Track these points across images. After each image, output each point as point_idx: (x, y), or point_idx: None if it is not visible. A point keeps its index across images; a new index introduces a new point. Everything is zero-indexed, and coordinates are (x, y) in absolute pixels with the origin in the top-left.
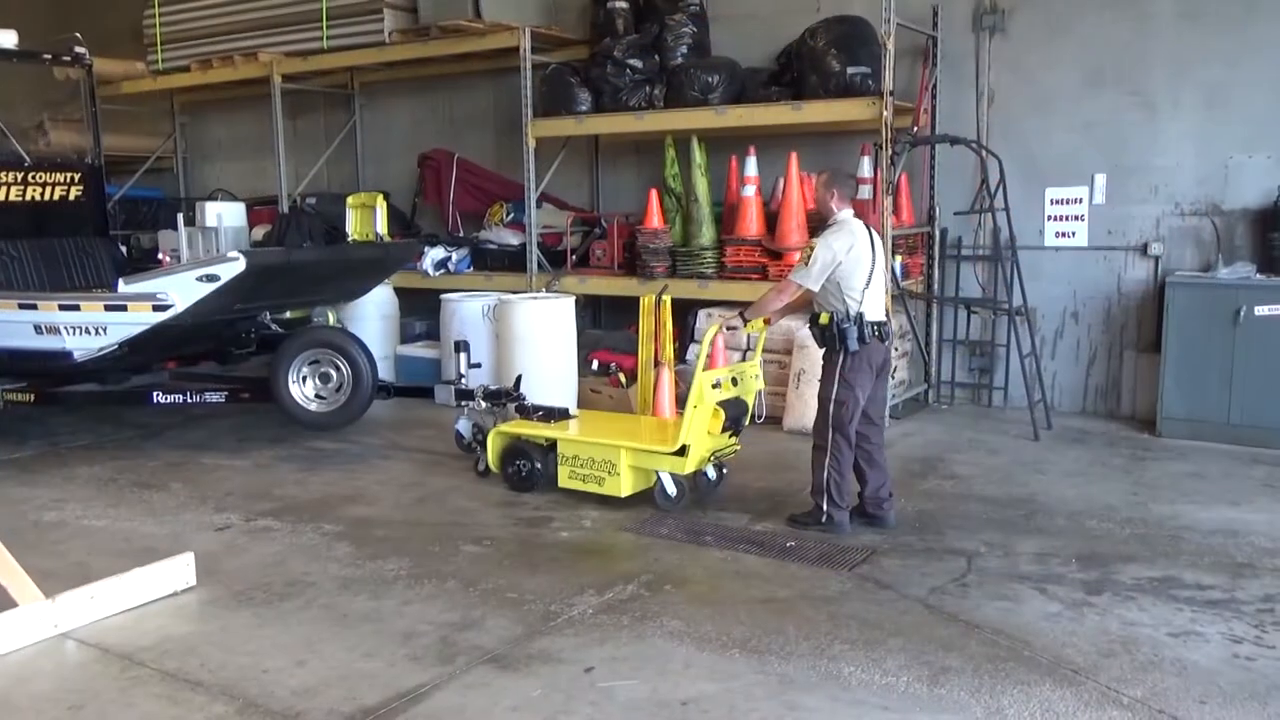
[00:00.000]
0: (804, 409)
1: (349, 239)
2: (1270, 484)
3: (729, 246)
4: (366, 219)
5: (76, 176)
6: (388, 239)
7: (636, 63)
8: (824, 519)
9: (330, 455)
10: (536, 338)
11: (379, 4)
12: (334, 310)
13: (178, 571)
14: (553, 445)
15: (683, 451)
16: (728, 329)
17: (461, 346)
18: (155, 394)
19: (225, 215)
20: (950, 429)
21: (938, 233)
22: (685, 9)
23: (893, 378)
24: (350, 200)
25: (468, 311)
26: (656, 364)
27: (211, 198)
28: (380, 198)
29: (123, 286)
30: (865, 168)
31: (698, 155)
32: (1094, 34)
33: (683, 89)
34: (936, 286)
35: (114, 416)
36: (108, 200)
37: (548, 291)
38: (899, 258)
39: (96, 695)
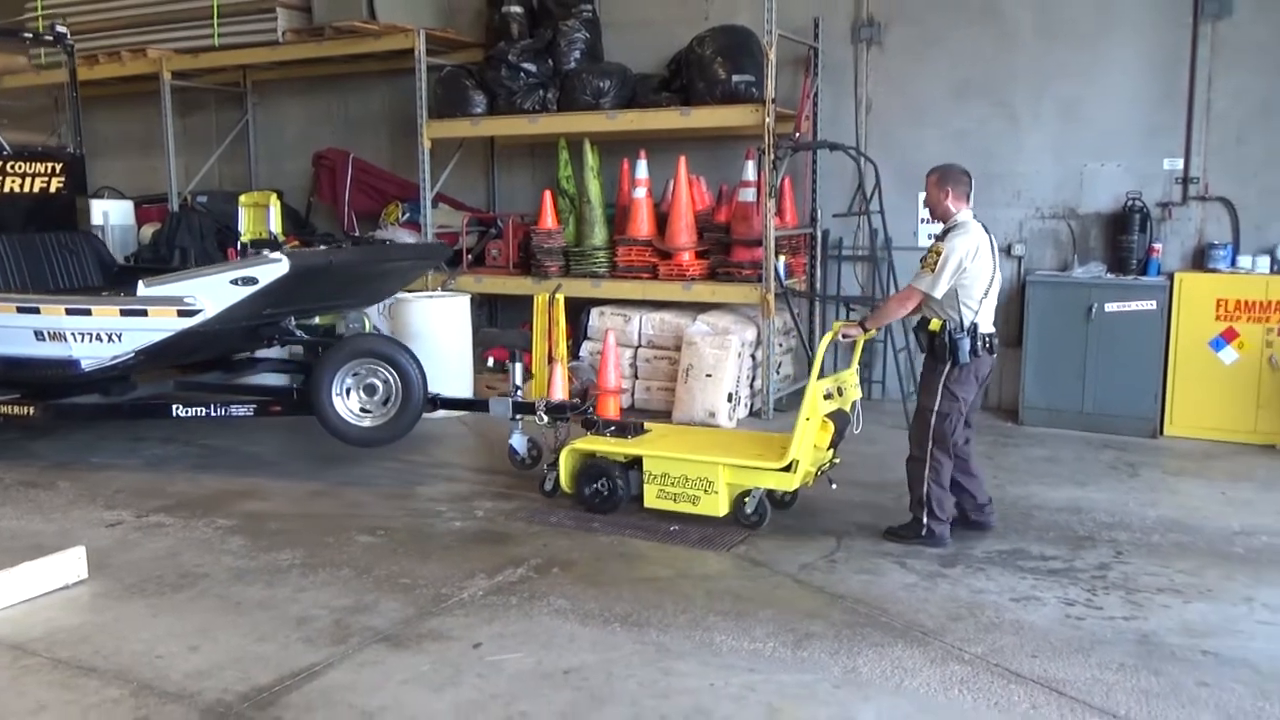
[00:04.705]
0: (691, 402)
1: (242, 238)
2: (1115, 466)
3: (621, 246)
4: (259, 218)
5: (58, 167)
6: (281, 239)
7: (531, 67)
8: (924, 532)
9: (224, 453)
10: (432, 335)
11: (272, 3)
12: (368, 316)
13: (68, 565)
14: (634, 462)
15: (791, 467)
16: (843, 337)
17: (516, 356)
18: (175, 407)
19: (112, 213)
20: None
21: (819, 234)
22: (579, 15)
23: (777, 372)
24: (243, 199)
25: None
26: (550, 361)
27: (98, 195)
28: (274, 196)
29: (143, 289)
30: (749, 171)
31: (590, 158)
32: (962, 48)
33: (576, 93)
34: (819, 285)
35: None
36: None
37: (443, 290)
38: (783, 257)
39: None
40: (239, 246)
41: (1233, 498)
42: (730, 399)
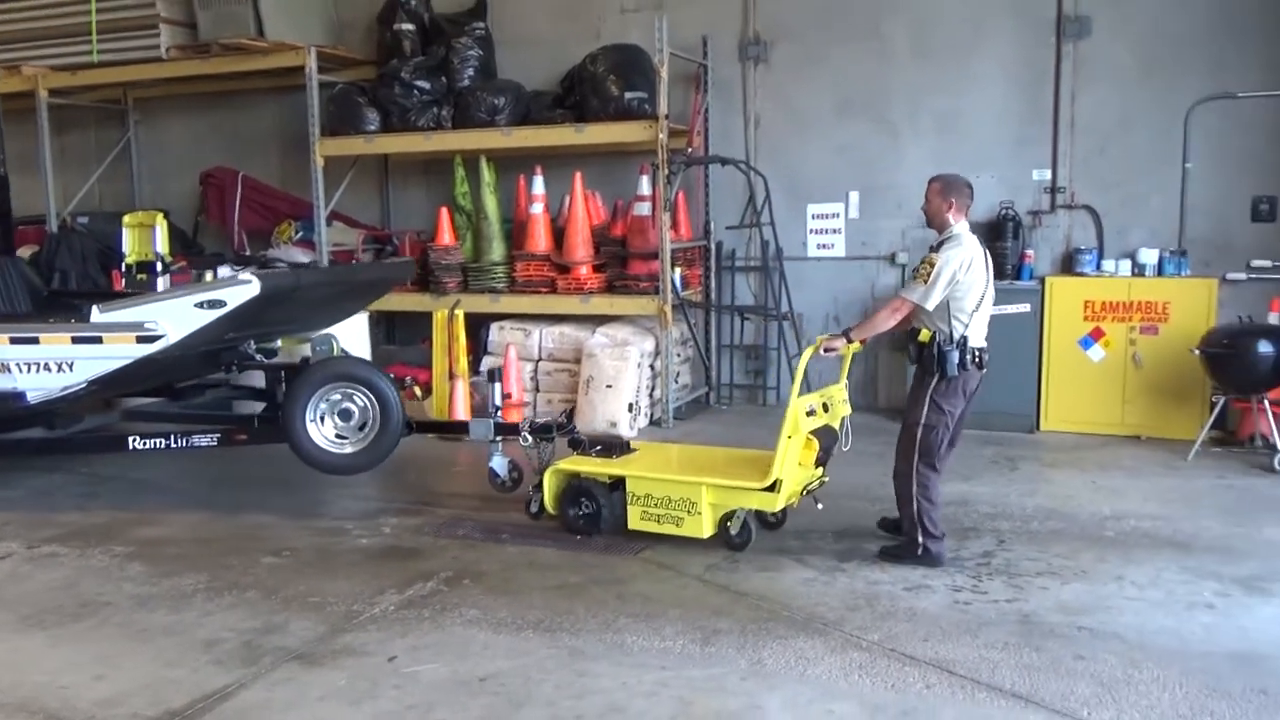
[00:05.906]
0: (593, 413)
1: (126, 260)
2: (996, 461)
3: (519, 262)
4: (144, 238)
5: None
6: (169, 259)
7: (424, 84)
8: (920, 552)
9: (112, 480)
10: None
11: (154, 19)
12: (336, 339)
13: None
14: (618, 483)
15: (774, 487)
16: (825, 351)
17: (495, 376)
18: (132, 439)
19: None
20: (729, 427)
21: (713, 246)
22: (471, 32)
23: (676, 382)
24: (127, 219)
25: None
26: (451, 377)
27: None
28: (159, 216)
29: (97, 315)
30: (644, 186)
31: (486, 174)
32: (843, 66)
33: (470, 110)
34: (714, 295)
35: None
36: None
37: None
38: (679, 269)
39: None
40: (123, 269)
41: (1103, 486)
42: (631, 409)
